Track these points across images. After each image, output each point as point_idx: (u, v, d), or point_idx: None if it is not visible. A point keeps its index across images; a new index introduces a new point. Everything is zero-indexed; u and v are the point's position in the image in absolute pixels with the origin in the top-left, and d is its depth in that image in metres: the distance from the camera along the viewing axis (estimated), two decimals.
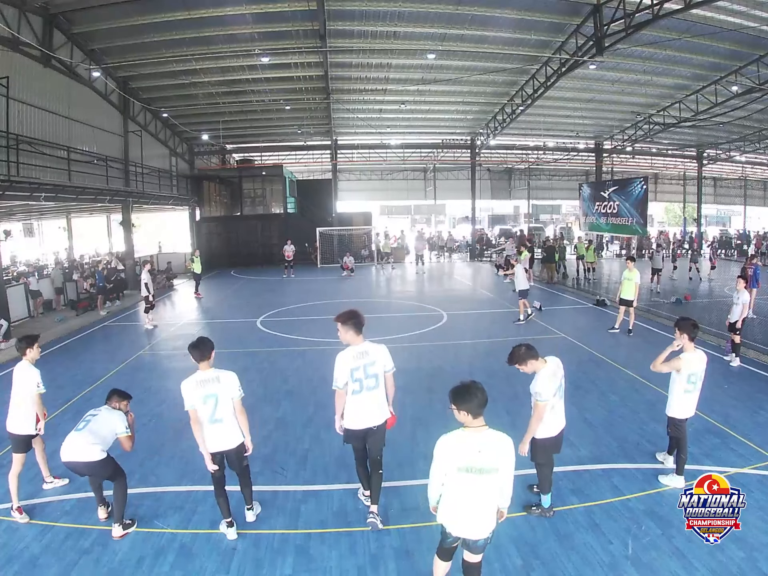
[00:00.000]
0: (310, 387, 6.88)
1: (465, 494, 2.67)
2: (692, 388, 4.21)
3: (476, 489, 2.64)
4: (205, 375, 3.55)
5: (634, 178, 16.62)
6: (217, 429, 3.55)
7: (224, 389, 3.53)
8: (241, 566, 3.40)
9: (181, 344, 9.59)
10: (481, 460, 2.60)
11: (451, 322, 10.82)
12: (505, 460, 2.65)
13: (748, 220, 36.53)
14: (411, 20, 13.22)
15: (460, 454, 2.62)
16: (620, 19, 11.58)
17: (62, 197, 13.12)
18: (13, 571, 3.37)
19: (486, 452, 2.61)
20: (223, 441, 3.58)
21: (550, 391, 3.60)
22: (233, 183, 24.81)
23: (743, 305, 7.49)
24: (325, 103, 19.20)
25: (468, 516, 2.71)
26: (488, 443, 2.64)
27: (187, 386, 3.52)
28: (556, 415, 3.74)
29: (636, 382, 6.83)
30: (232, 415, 3.58)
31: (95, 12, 12.10)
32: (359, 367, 3.62)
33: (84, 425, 3.79)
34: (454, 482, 2.67)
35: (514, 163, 29.43)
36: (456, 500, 2.71)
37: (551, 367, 3.68)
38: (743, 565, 3.29)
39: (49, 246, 25.09)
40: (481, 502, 2.68)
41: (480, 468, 2.61)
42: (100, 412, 3.93)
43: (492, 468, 2.62)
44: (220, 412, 3.52)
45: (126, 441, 3.85)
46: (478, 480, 2.62)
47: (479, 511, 2.69)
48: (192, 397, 3.49)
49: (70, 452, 3.70)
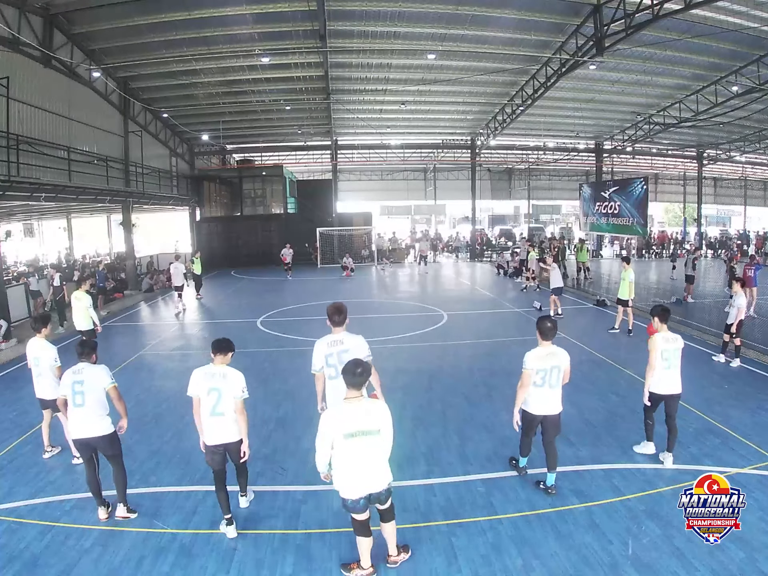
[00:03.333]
0: (310, 387, 6.81)
1: (357, 457, 3.04)
2: (667, 365, 4.62)
3: (365, 450, 3.04)
4: (215, 369, 3.72)
5: (634, 179, 16.61)
6: (219, 422, 3.66)
7: (229, 386, 3.66)
8: (241, 566, 3.40)
9: (182, 345, 9.62)
10: (361, 423, 3.01)
11: (452, 322, 10.82)
12: (383, 420, 3.07)
13: (748, 221, 36.54)
14: (411, 20, 13.22)
15: (344, 422, 3.01)
16: (620, 19, 11.58)
17: (62, 197, 13.12)
18: (13, 571, 3.37)
19: (365, 416, 3.02)
20: (223, 434, 3.69)
21: (534, 365, 4.03)
22: (233, 183, 24.82)
23: (738, 308, 7.46)
24: (325, 103, 19.20)
25: (366, 476, 3.08)
26: (366, 409, 3.04)
27: (195, 375, 3.73)
28: (538, 395, 4.08)
29: (636, 382, 6.81)
30: (235, 410, 3.69)
31: (95, 12, 12.11)
32: (332, 354, 3.95)
33: (82, 399, 3.84)
34: (344, 449, 3.03)
35: (514, 163, 29.42)
36: (350, 464, 3.06)
37: (545, 351, 4.10)
38: (743, 565, 3.29)
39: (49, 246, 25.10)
40: (372, 460, 3.07)
41: (363, 431, 3.01)
42: (83, 374, 3.90)
43: (374, 429, 3.03)
44: (222, 406, 3.65)
45: (114, 392, 3.95)
46: (365, 441, 3.02)
47: (373, 467, 3.08)
48: (197, 386, 3.68)
49: (82, 429, 3.84)
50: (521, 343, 8.88)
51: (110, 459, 3.95)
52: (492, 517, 3.88)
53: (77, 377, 3.90)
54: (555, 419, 4.15)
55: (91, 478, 3.93)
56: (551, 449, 4.17)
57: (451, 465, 4.64)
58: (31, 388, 6.98)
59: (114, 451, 3.94)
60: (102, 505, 3.97)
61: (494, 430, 5.28)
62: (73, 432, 3.92)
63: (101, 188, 14.49)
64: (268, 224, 23.64)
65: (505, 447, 4.84)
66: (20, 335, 9.74)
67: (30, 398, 6.57)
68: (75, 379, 3.88)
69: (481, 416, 5.66)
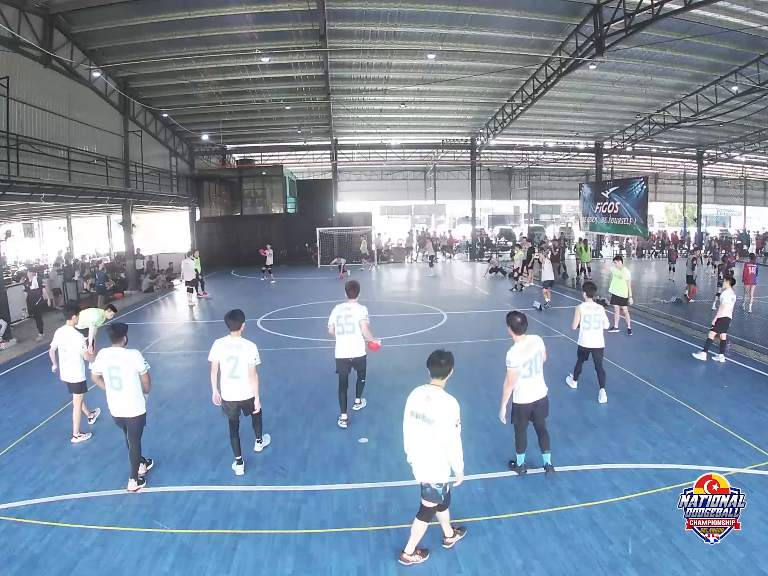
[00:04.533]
0: (310, 387, 6.88)
1: (413, 437, 3.31)
2: (588, 326, 6.24)
3: (420, 433, 3.25)
4: (232, 342, 4.53)
5: (634, 179, 16.61)
6: (235, 383, 4.49)
7: (244, 355, 4.47)
8: (241, 566, 3.40)
9: (181, 344, 9.62)
10: (425, 407, 3.24)
11: (452, 322, 10.82)
12: (442, 413, 3.19)
13: (748, 220, 36.54)
14: (411, 20, 13.22)
15: (414, 401, 3.35)
16: (620, 19, 11.58)
17: (62, 197, 13.12)
18: (13, 571, 3.37)
19: (431, 403, 3.24)
20: (239, 393, 4.52)
21: (519, 360, 4.17)
22: (233, 183, 24.81)
23: (723, 304, 7.50)
24: (325, 103, 19.20)
25: (421, 459, 3.29)
26: (435, 398, 3.25)
27: (217, 344, 4.57)
28: (529, 384, 4.25)
29: (636, 382, 6.83)
30: (249, 374, 4.47)
31: (95, 12, 12.10)
32: (342, 316, 5.51)
33: (119, 383, 4.27)
34: (408, 425, 3.35)
35: (514, 163, 29.42)
36: (412, 442, 3.35)
37: (524, 343, 4.25)
38: (743, 565, 3.29)
39: (49, 246, 25.09)
40: (425, 447, 3.24)
41: (423, 414, 3.23)
42: (118, 358, 4.30)
43: (431, 418, 3.19)
44: (238, 371, 4.46)
45: (146, 377, 4.42)
46: (422, 426, 3.24)
47: (425, 455, 3.25)
48: (217, 353, 4.52)
49: (120, 410, 4.31)
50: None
51: (132, 435, 4.34)
52: (492, 517, 3.88)
53: (113, 362, 4.30)
54: (543, 402, 4.35)
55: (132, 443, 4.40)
56: (543, 432, 4.42)
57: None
58: (30, 388, 7.03)
59: (139, 430, 4.37)
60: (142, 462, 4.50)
61: (494, 430, 5.28)
62: (112, 410, 4.38)
63: (101, 188, 14.50)
64: (268, 224, 23.63)
65: (505, 447, 4.83)
66: (20, 335, 9.74)
67: (30, 398, 6.60)
68: (111, 364, 4.30)
69: (480, 416, 5.65)
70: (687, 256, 14.05)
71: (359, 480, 4.45)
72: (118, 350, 4.36)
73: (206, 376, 7.45)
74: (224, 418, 4.65)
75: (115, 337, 4.38)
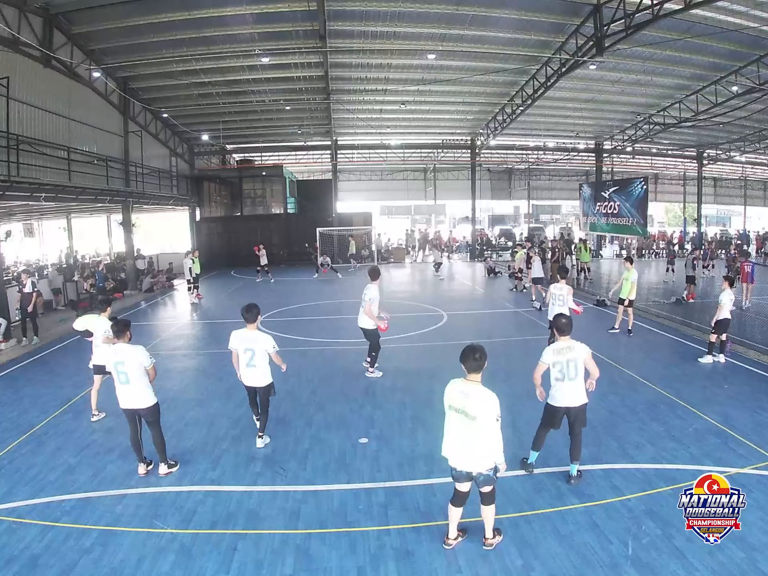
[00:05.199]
0: (311, 387, 6.88)
1: (454, 430, 3.39)
2: (557, 302, 7.57)
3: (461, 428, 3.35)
4: (248, 334, 4.92)
5: (634, 179, 16.60)
6: (252, 371, 4.93)
7: (260, 346, 4.88)
8: (241, 566, 3.40)
9: (181, 344, 9.62)
10: (464, 403, 3.31)
11: (451, 322, 10.82)
12: (483, 410, 3.26)
13: (748, 220, 36.54)
14: (411, 20, 13.20)
15: (452, 395, 3.41)
16: (620, 19, 11.57)
17: (62, 197, 13.11)
18: (13, 571, 3.37)
19: (470, 400, 3.30)
20: (255, 380, 4.96)
21: (548, 359, 4.29)
22: (233, 183, 24.79)
23: (722, 305, 7.49)
24: (325, 104, 19.19)
25: (458, 450, 3.39)
26: (474, 394, 3.32)
27: (234, 334, 4.98)
28: (560, 389, 4.27)
29: (636, 382, 6.83)
30: (264, 363, 4.92)
31: (95, 12, 12.09)
32: (365, 294, 6.81)
33: (126, 378, 4.39)
34: (448, 418, 3.45)
35: (514, 163, 29.42)
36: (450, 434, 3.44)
37: (561, 344, 4.32)
38: (743, 565, 3.29)
39: (49, 246, 25.09)
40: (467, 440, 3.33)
41: (463, 410, 3.31)
42: (122, 354, 4.41)
43: (472, 415, 3.28)
44: (255, 360, 4.88)
45: (152, 371, 4.56)
46: (463, 421, 3.33)
47: (468, 448, 3.34)
48: (235, 343, 4.95)
49: (129, 402, 4.45)
50: (521, 343, 8.91)
51: (150, 425, 4.52)
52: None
53: (118, 357, 4.43)
54: (578, 411, 4.26)
55: (134, 437, 4.55)
56: (576, 441, 4.30)
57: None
58: (30, 388, 7.04)
59: (155, 418, 4.53)
60: (142, 461, 4.58)
61: None
62: (121, 403, 4.49)
63: (101, 188, 14.49)
64: (268, 224, 23.63)
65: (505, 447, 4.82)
66: (20, 335, 9.73)
67: (30, 398, 6.61)
68: (116, 360, 4.43)
69: None
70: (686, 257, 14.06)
71: (359, 480, 4.45)
72: (122, 346, 4.49)
73: (206, 377, 7.51)
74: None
75: (118, 333, 4.52)
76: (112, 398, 6.40)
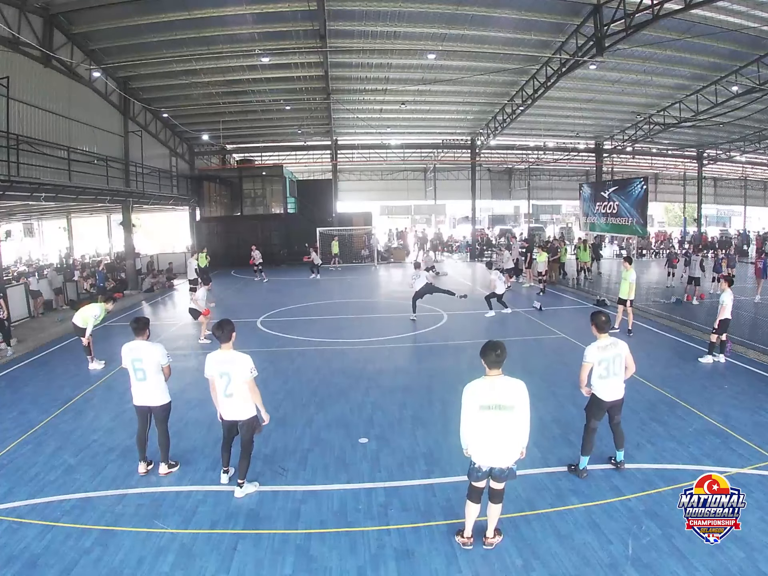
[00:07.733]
0: (311, 387, 6.88)
1: (489, 429, 3.28)
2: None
3: (498, 423, 3.26)
4: (224, 356, 4.12)
5: (634, 179, 16.61)
6: (230, 402, 4.11)
7: (237, 370, 4.05)
8: (241, 566, 3.40)
9: (181, 344, 9.61)
10: (497, 397, 3.24)
11: (452, 322, 10.82)
12: (518, 398, 3.27)
13: (748, 220, 36.54)
14: (411, 20, 13.22)
15: (481, 395, 3.27)
16: (620, 19, 11.58)
17: (62, 197, 13.10)
18: (13, 571, 3.36)
19: (501, 392, 3.25)
20: (234, 412, 4.13)
21: (594, 357, 4.30)
22: (233, 183, 24.78)
23: (724, 306, 7.49)
24: (325, 103, 19.20)
25: (493, 448, 3.31)
26: (503, 386, 3.27)
27: (209, 359, 4.19)
28: (606, 385, 4.33)
29: (636, 382, 6.81)
30: (244, 390, 4.06)
31: (95, 12, 12.10)
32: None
33: (143, 375, 4.40)
34: (479, 419, 3.29)
35: (514, 163, 29.42)
36: (482, 434, 3.32)
37: (604, 342, 4.36)
38: (743, 565, 3.29)
39: (49, 246, 25.10)
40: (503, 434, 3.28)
41: (498, 405, 3.24)
42: (140, 351, 4.42)
43: (509, 405, 3.25)
44: (231, 388, 4.06)
45: (168, 371, 4.56)
46: (499, 415, 3.25)
47: (503, 442, 3.30)
48: (210, 369, 4.15)
49: (145, 399, 4.47)
50: (521, 343, 8.91)
51: (159, 423, 4.52)
52: None
53: (135, 354, 4.43)
54: (619, 403, 4.43)
55: (141, 434, 4.55)
56: (618, 430, 4.48)
57: (451, 465, 4.63)
58: (30, 388, 7.04)
59: (165, 417, 4.54)
60: (143, 460, 4.58)
61: None
62: (135, 399, 4.51)
63: (101, 188, 14.48)
64: (268, 224, 23.63)
65: None
66: (20, 335, 9.73)
67: (30, 398, 6.61)
68: (134, 357, 4.42)
69: None
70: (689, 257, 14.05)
71: (359, 480, 4.45)
72: (140, 343, 4.50)
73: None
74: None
75: (137, 330, 4.53)
76: (115, 395, 6.49)
